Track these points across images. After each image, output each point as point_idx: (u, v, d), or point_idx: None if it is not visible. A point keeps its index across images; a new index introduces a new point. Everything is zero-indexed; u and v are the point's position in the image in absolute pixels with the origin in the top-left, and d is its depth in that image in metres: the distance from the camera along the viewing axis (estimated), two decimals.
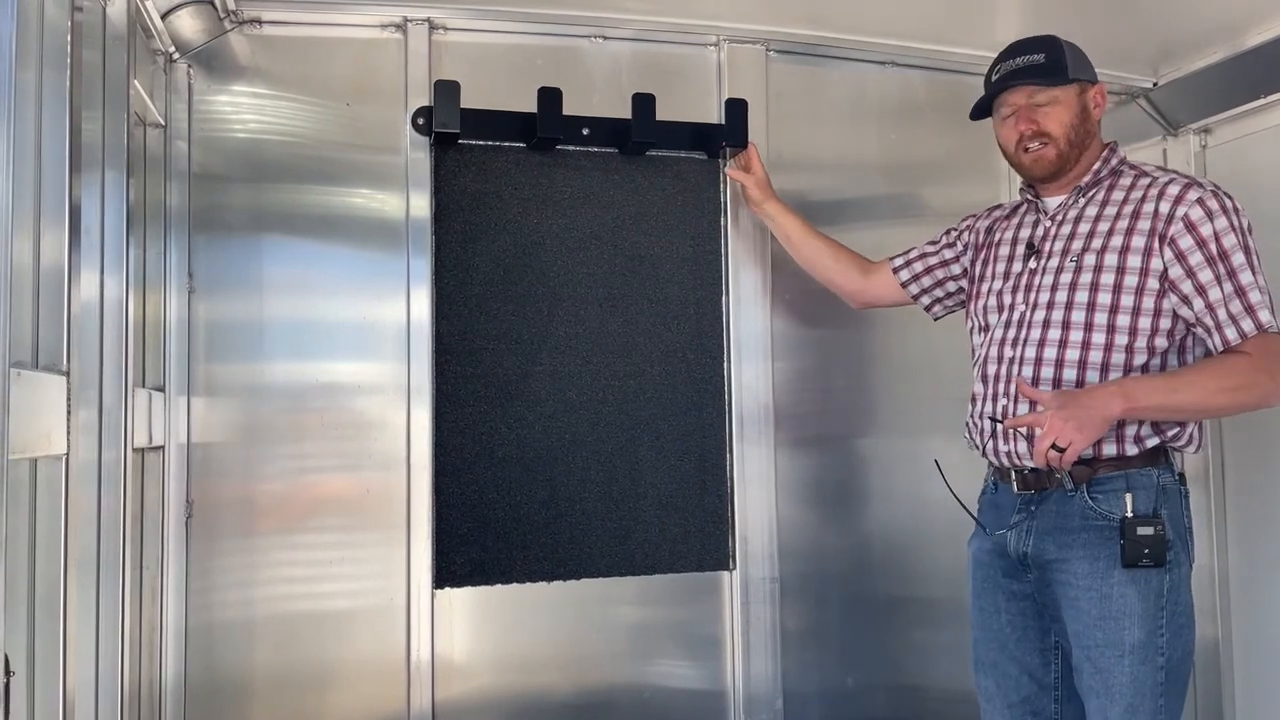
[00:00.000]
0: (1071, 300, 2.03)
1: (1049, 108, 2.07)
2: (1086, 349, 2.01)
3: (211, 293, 2.34)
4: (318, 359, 2.39)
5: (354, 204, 2.44)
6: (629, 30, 2.60)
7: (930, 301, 2.45)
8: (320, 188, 2.42)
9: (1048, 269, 2.09)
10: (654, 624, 2.57)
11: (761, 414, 2.60)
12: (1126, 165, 2.12)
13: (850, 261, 2.50)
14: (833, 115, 2.78)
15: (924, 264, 2.43)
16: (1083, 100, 2.10)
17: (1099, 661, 1.96)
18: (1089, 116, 2.11)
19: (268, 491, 2.35)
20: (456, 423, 2.42)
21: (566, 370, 2.50)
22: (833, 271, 2.50)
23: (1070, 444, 1.87)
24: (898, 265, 2.46)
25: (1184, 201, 1.96)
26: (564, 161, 2.53)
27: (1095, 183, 2.10)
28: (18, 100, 1.29)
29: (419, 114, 2.40)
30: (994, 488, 2.18)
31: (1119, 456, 1.99)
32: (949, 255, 2.40)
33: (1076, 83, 2.09)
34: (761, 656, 2.56)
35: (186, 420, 2.30)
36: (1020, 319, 2.10)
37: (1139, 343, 1.99)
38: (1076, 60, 2.09)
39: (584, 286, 2.52)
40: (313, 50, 2.42)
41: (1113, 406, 1.90)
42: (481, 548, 2.41)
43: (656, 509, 2.53)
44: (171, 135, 2.31)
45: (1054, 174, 2.11)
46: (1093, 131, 2.12)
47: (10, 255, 1.13)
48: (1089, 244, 2.04)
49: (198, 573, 2.29)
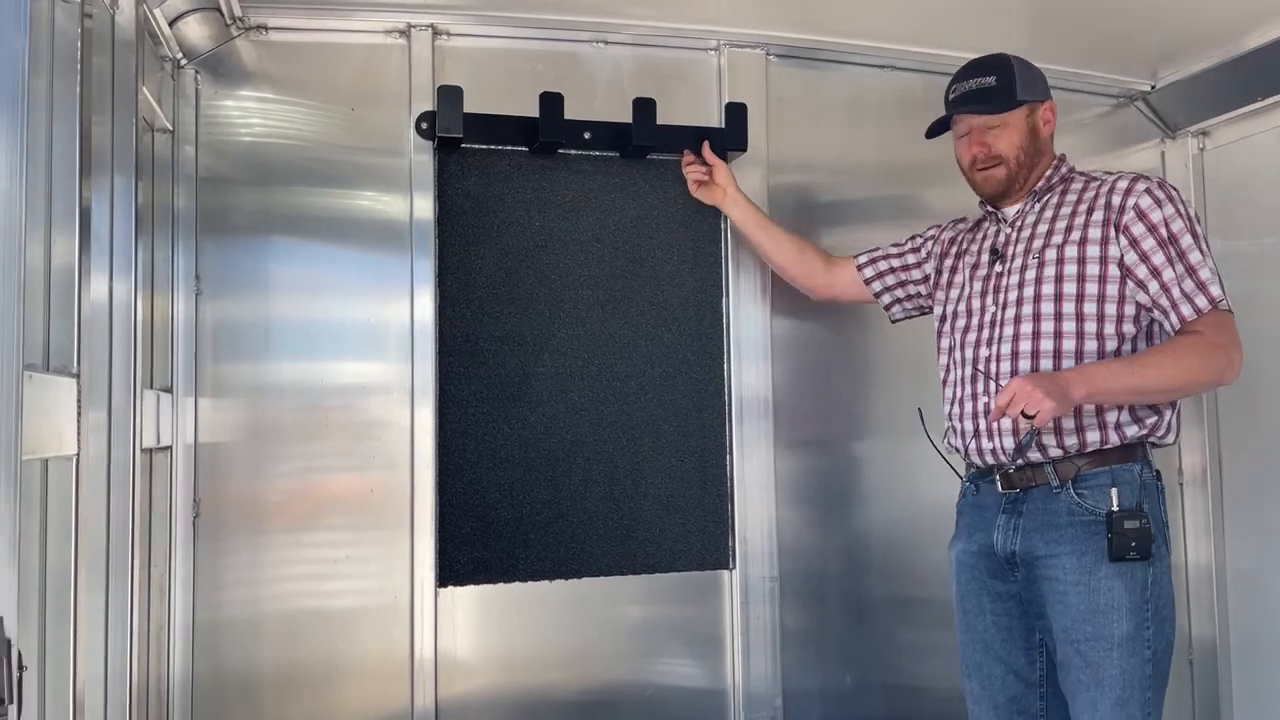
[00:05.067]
0: (1039, 294, 2.10)
1: (999, 130, 2.18)
2: (1059, 339, 2.07)
3: (219, 294, 2.37)
4: (323, 360, 2.42)
5: (358, 206, 2.47)
6: (630, 35, 2.63)
7: (890, 301, 2.50)
8: (325, 190, 2.45)
9: (1012, 269, 2.16)
10: (655, 622, 2.59)
11: (761, 414, 2.63)
12: (1076, 173, 2.22)
13: (814, 254, 2.55)
14: (832, 119, 2.80)
15: (888, 264, 2.48)
16: (1031, 120, 2.19)
17: (1088, 655, 1.99)
18: (1038, 134, 2.20)
19: (274, 491, 2.38)
20: (460, 423, 2.45)
21: (568, 371, 2.53)
22: (796, 264, 2.54)
23: (1039, 410, 1.90)
24: (862, 263, 2.51)
25: (1133, 193, 2.07)
26: (565, 165, 2.56)
27: (1049, 188, 2.19)
28: (30, 107, 1.32)
29: (422, 119, 2.44)
30: (974, 489, 2.21)
31: (1101, 448, 2.03)
32: (911, 260, 2.46)
33: (1025, 104, 2.16)
34: (761, 655, 2.59)
35: (194, 421, 2.34)
36: (992, 319, 2.16)
37: (1108, 329, 2.06)
38: (1027, 80, 2.17)
39: (585, 288, 2.55)
40: (318, 56, 2.45)
41: (1074, 388, 1.95)
42: (485, 547, 2.44)
43: (657, 509, 2.56)
44: (179, 140, 2.35)
45: (1004, 192, 2.21)
46: (1043, 148, 2.22)
47: (24, 259, 1.16)
48: (1049, 241, 2.13)
49: (205, 571, 2.33)
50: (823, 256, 2.56)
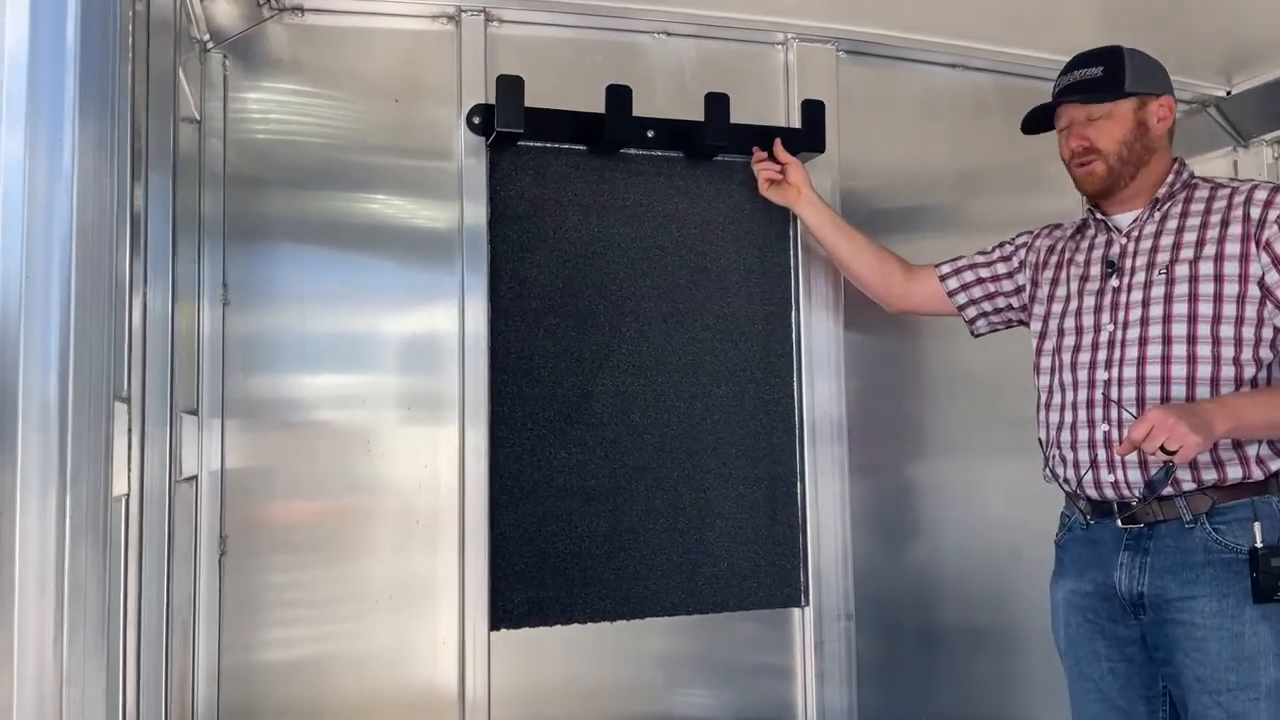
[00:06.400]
0: (1169, 313, 1.90)
1: (1101, 122, 1.99)
2: (1193, 364, 1.88)
3: (247, 306, 2.13)
4: (364, 377, 2.19)
5: (402, 209, 2.25)
6: (693, 27, 2.43)
7: (976, 315, 2.31)
8: (365, 194, 2.22)
9: (1134, 285, 1.96)
10: (720, 660, 2.38)
11: (834, 437, 2.43)
12: (1199, 179, 2.02)
13: (893, 262, 2.36)
14: (903, 119, 2.62)
15: (974, 274, 2.29)
16: (1141, 115, 1.99)
17: (1231, 706, 1.80)
18: (1149, 130, 1.99)
19: (308, 523, 2.15)
20: (513, 448, 2.23)
21: (629, 390, 2.31)
22: (873, 272, 2.35)
23: (1182, 446, 1.71)
24: (945, 273, 2.31)
25: (1274, 205, 1.87)
26: (626, 166, 2.35)
27: (1170, 196, 1.99)
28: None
29: (475, 112, 2.22)
30: (1084, 524, 2.02)
31: (1241, 482, 1.85)
32: (1001, 270, 2.26)
33: (1134, 96, 1.98)
34: (835, 696, 2.39)
35: (220, 446, 2.10)
36: (1110, 339, 1.96)
37: (1245, 354, 1.87)
38: (1140, 72, 1.98)
39: (647, 301, 2.34)
40: (358, 42, 2.22)
41: (1217, 422, 1.76)
42: (540, 585, 2.22)
43: (725, 541, 2.35)
44: (206, 132, 2.11)
45: (1104, 190, 2.01)
46: (1153, 146, 2.00)
47: (113, 275, 0.93)
48: (1177, 255, 1.92)
49: (233, 610, 2.09)
50: (902, 265, 2.36)
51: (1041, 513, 2.14)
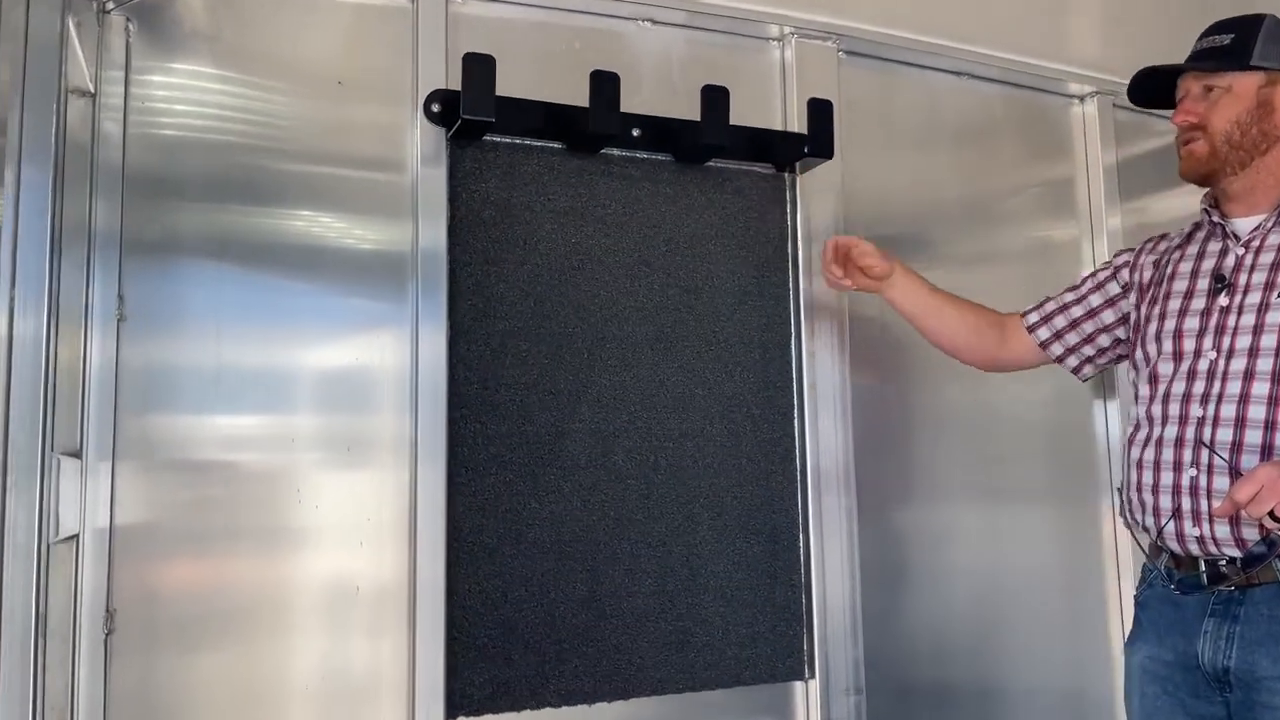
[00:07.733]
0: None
1: (1218, 95, 1.73)
2: None
3: (148, 326, 1.73)
4: (292, 413, 1.81)
5: (345, 212, 1.88)
6: (680, 14, 2.13)
7: (1079, 362, 2.03)
8: (301, 189, 1.85)
9: (1245, 306, 1.69)
10: None
11: (840, 483, 2.13)
12: None
13: (986, 326, 2.05)
14: (905, 130, 2.36)
15: (1067, 318, 2.01)
16: (1267, 93, 1.72)
17: None
18: (1273, 113, 1.72)
19: (220, 591, 1.74)
20: (474, 497, 1.86)
21: (611, 429, 1.98)
22: (972, 345, 2.06)
23: None
24: (1033, 323, 2.04)
25: None
26: (607, 168, 2.04)
27: None
28: None
29: (433, 98, 1.87)
30: (1166, 580, 1.75)
31: None
32: (1097, 302, 1.98)
33: (1260, 71, 1.71)
34: None
35: (110, 496, 1.68)
36: (1210, 369, 1.69)
37: None
38: (1275, 44, 1.72)
39: (631, 323, 2.02)
40: (294, 17, 1.86)
41: None
42: (506, 663, 1.85)
43: (720, 605, 2.02)
44: (102, 112, 1.72)
45: (1203, 175, 1.77)
46: (1277, 134, 1.72)
47: None
48: None
49: (121, 705, 1.66)
50: (996, 326, 2.06)
51: (1076, 564, 1.88)
